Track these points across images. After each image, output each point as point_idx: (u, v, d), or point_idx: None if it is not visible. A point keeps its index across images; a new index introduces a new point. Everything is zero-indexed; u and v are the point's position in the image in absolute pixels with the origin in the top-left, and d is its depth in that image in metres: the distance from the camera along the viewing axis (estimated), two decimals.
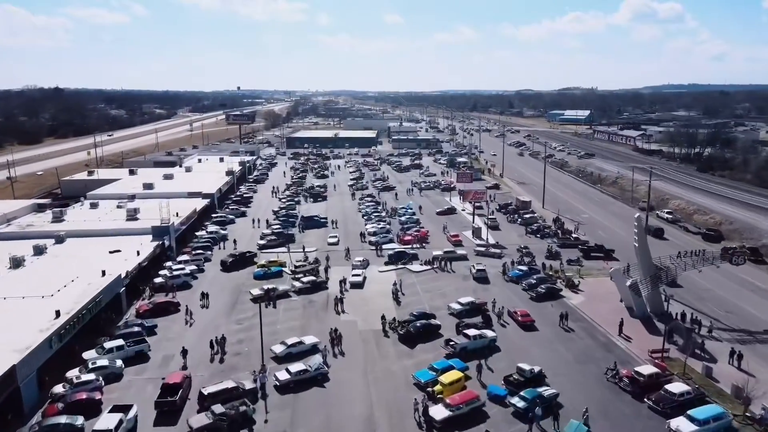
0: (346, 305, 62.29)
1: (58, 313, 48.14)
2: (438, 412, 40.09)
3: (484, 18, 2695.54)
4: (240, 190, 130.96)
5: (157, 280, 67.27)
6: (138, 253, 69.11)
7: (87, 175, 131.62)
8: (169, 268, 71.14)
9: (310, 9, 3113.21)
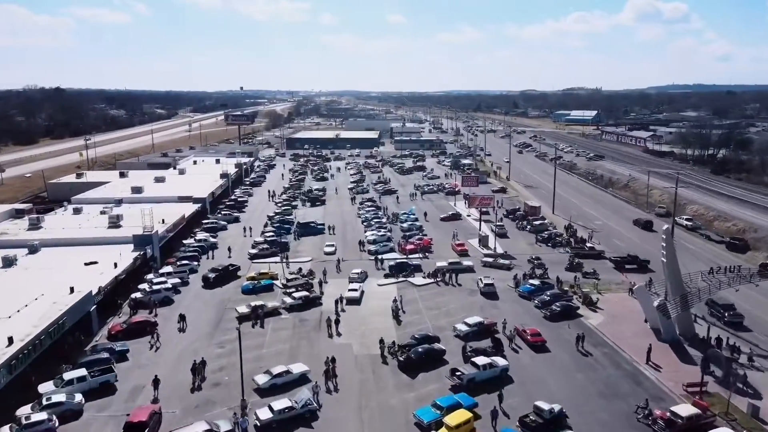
0: (341, 324, 56.48)
1: (10, 340, 42.45)
2: None
3: (488, 18, 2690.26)
4: (235, 194, 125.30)
5: (135, 295, 61.53)
6: (115, 265, 63.42)
7: (75, 178, 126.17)
8: (149, 281, 65.45)
9: (313, 9, 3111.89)
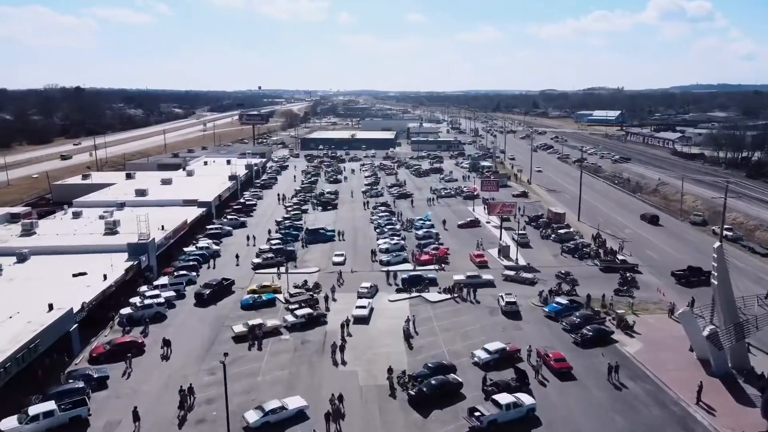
0: (347, 347, 50.95)
1: None
2: None
3: (507, 17, 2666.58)
4: (244, 197, 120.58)
5: (124, 311, 56.68)
6: (105, 277, 58.64)
7: (81, 179, 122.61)
8: (142, 294, 60.60)
9: (332, 8, 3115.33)
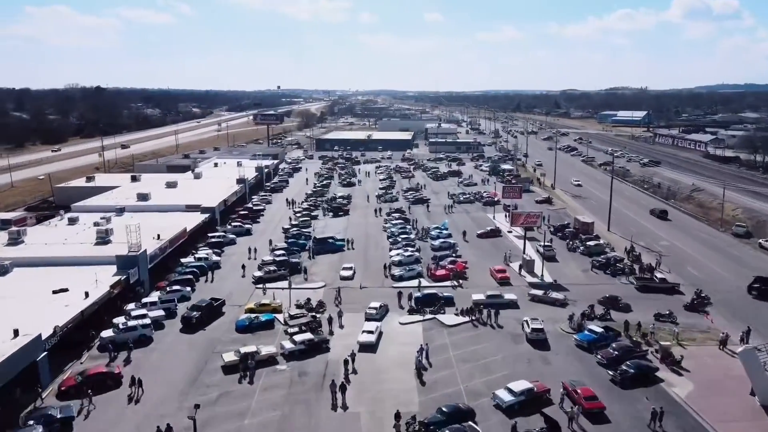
0: (350, 381, 44.77)
1: None
2: None
3: (527, 16, 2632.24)
4: (252, 201, 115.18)
5: (105, 333, 51.16)
6: (86, 295, 53.22)
7: (85, 182, 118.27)
8: (127, 313, 55.08)
9: (352, 8, 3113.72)
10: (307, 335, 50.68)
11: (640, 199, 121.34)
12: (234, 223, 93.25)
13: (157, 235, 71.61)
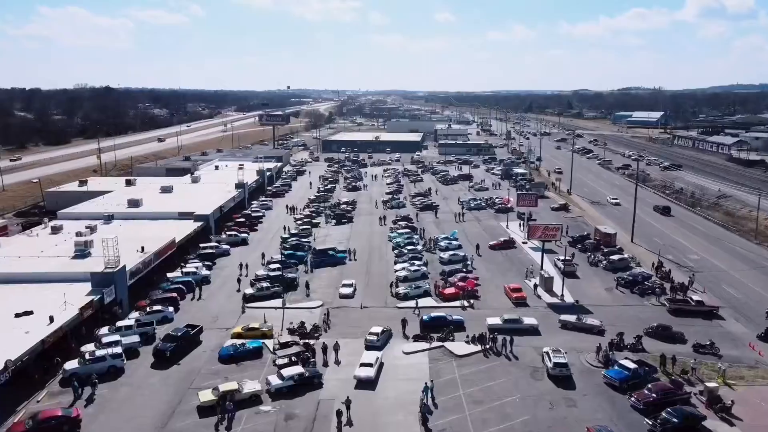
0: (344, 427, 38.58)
1: None
2: None
3: (539, 16, 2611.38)
4: (251, 206, 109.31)
5: (69, 365, 45.29)
6: (51, 320, 47.38)
7: (78, 186, 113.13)
8: (97, 340, 49.24)
9: (363, 8, 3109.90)
10: (298, 369, 44.48)
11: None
12: (229, 232, 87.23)
13: (141, 248, 65.82)
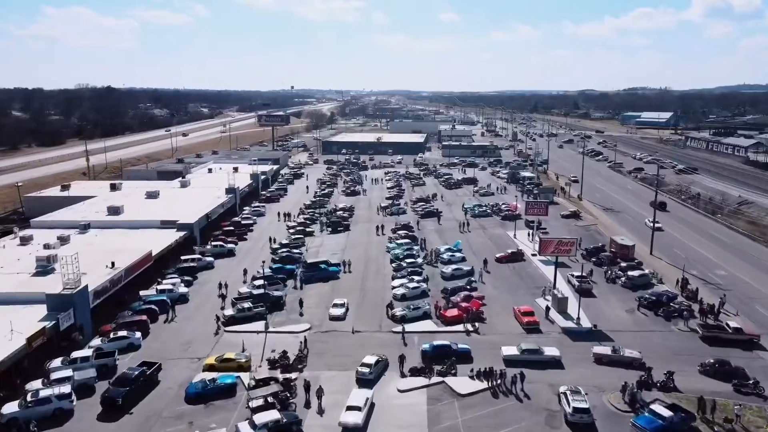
0: None
1: None
2: None
3: (543, 16, 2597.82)
4: (243, 213, 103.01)
5: (6, 408, 38.95)
6: None
7: (60, 190, 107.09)
8: (47, 375, 42.94)
9: (366, 8, 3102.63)
10: (273, 414, 38.01)
11: (679, 212, 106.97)
12: (214, 243, 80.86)
13: (111, 263, 59.58)
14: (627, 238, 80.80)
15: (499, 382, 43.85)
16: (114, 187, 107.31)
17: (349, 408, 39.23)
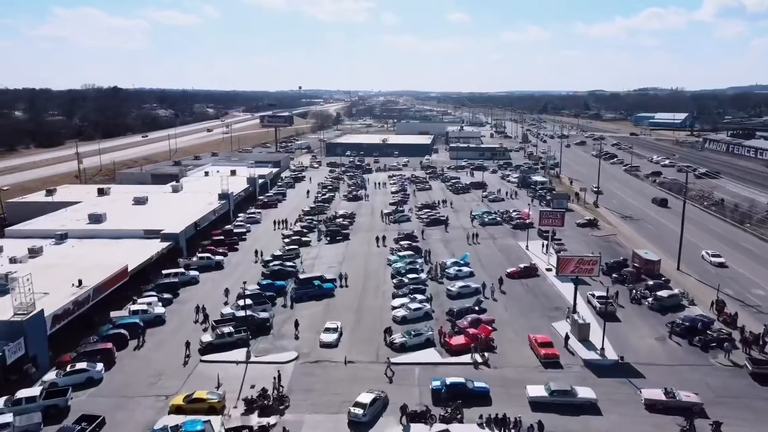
0: None
1: None
2: None
3: (553, 16, 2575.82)
4: (236, 220, 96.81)
5: None
6: None
7: (45, 195, 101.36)
8: None
9: (375, 8, 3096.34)
10: None
11: (705, 221, 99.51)
12: (201, 254, 74.56)
13: (78, 281, 53.44)
14: (651, 251, 73.65)
15: (515, 427, 37.22)
16: (102, 192, 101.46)
17: None
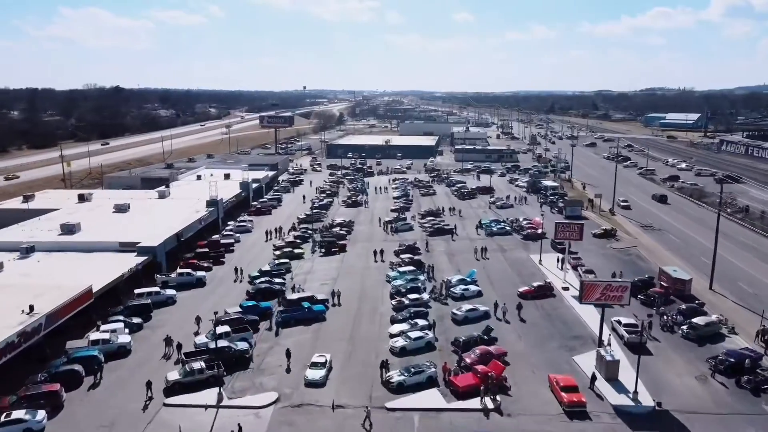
0: None
1: None
2: None
3: (559, 15, 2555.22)
4: (225, 229, 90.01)
5: None
6: None
7: (21, 202, 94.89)
8: None
9: (380, 8, 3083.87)
10: None
11: (729, 229, 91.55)
12: (181, 270, 67.60)
13: (30, 307, 46.64)
14: (679, 268, 66.24)
15: None
16: (82, 198, 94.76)
17: None
